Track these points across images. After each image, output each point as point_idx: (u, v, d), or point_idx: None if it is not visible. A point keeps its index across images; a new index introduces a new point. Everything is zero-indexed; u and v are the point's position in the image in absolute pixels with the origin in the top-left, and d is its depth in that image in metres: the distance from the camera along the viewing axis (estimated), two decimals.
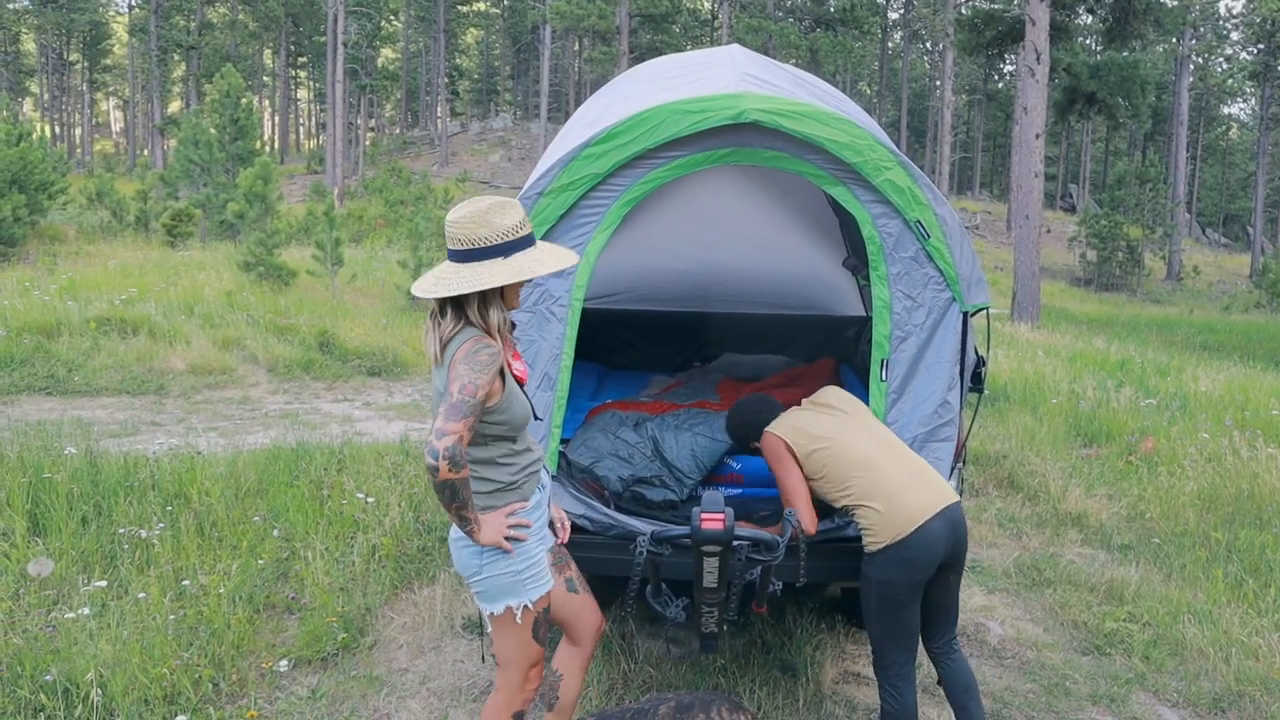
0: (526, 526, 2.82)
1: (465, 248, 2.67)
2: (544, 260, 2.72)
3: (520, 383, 2.85)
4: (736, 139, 3.47)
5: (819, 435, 3.41)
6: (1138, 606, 5.16)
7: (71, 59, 64.58)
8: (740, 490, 4.05)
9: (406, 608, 4.84)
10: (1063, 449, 8.10)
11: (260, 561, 4.98)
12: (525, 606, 2.86)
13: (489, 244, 2.66)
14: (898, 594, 3.24)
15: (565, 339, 3.52)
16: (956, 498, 3.32)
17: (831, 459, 3.35)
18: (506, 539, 2.77)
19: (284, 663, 4.18)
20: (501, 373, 2.72)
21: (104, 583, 4.53)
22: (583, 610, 3.15)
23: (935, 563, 3.24)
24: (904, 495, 3.23)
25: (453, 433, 2.55)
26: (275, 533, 5.34)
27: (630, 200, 3.50)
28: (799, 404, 3.65)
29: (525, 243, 2.72)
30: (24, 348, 10.34)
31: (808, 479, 3.42)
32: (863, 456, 3.33)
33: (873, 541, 3.24)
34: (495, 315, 2.72)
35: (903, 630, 3.30)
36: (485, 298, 2.70)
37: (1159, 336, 20.46)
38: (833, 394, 3.65)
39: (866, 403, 3.67)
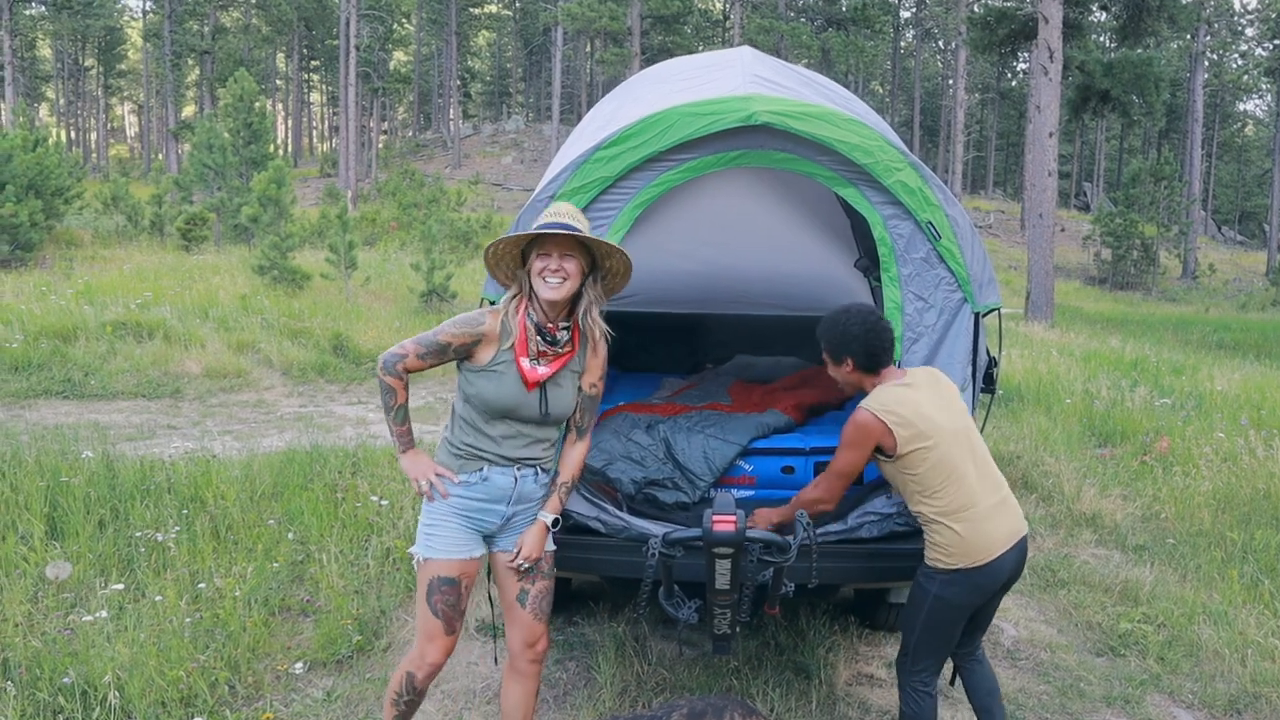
0: (443, 496, 3.07)
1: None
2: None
3: (528, 381, 2.99)
4: (747, 141, 3.47)
5: (926, 433, 3.13)
6: (1153, 608, 5.14)
7: (87, 64, 65.04)
8: (752, 492, 4.05)
9: None
10: (1077, 449, 8.07)
11: (275, 564, 5.01)
12: (418, 558, 3.11)
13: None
14: (952, 613, 3.21)
15: None
16: (1027, 527, 3.29)
17: (928, 462, 3.13)
18: (419, 485, 3.09)
19: (299, 665, 4.21)
20: (476, 343, 3.00)
21: (121, 586, 4.56)
22: (520, 623, 3.22)
23: (997, 589, 3.21)
24: (988, 524, 3.13)
25: (401, 347, 3.06)
26: (290, 536, 5.37)
27: (642, 203, 3.51)
28: (905, 379, 3.27)
29: (542, 229, 2.96)
30: (41, 352, 10.43)
31: (895, 469, 3.20)
32: (958, 468, 3.13)
33: (943, 560, 3.15)
34: (508, 294, 3.06)
35: (943, 642, 3.28)
36: (515, 281, 3.07)
37: (1174, 335, 20.35)
38: (938, 379, 3.34)
39: None
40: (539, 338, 2.99)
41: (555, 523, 3.22)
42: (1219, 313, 29.59)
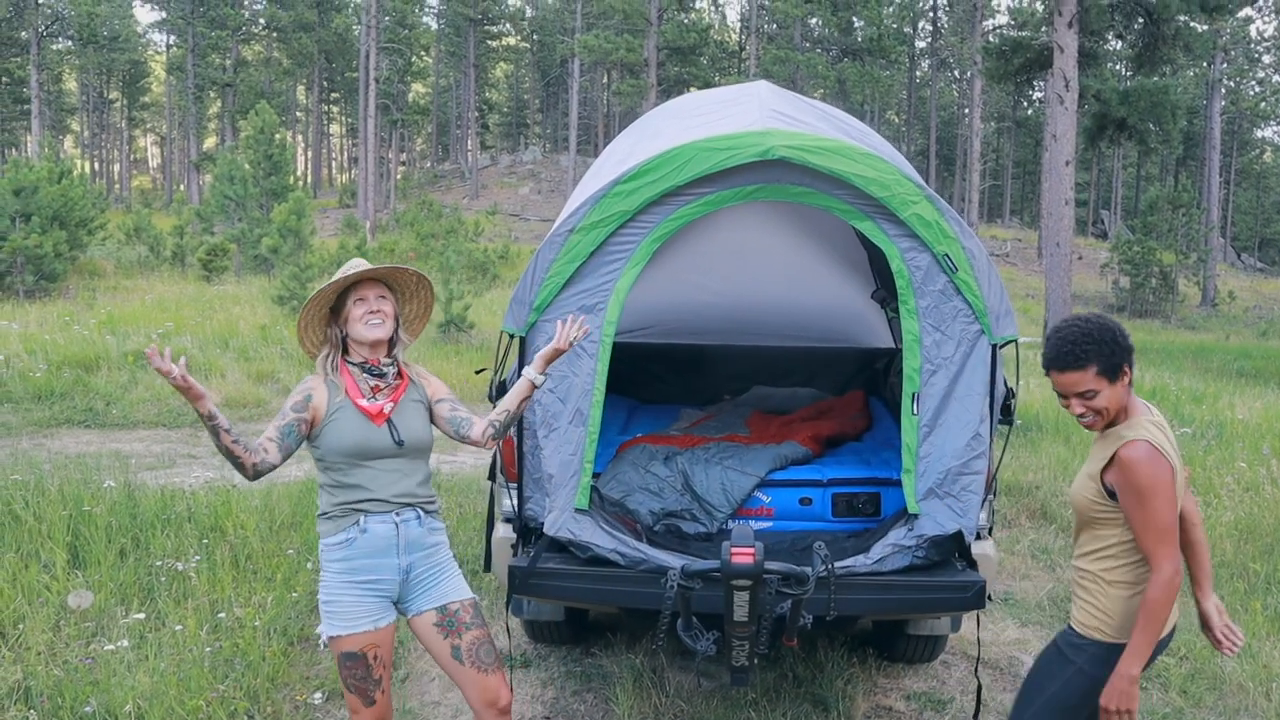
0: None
1: None
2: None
3: (373, 416, 3.03)
4: (764, 175, 3.51)
5: (1177, 482, 2.68)
6: (1174, 640, 5.08)
7: (111, 97, 66.03)
8: (770, 523, 4.05)
9: None
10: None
11: (294, 594, 5.03)
12: (326, 637, 3.06)
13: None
14: (1095, 697, 2.70)
15: (596, 375, 3.55)
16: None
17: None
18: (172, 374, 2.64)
19: (318, 695, 4.21)
20: (308, 400, 3.02)
21: (142, 615, 4.60)
22: (467, 682, 3.11)
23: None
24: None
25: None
26: (309, 565, 5.39)
27: (660, 236, 3.55)
28: (1154, 418, 2.78)
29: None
30: (64, 381, 10.55)
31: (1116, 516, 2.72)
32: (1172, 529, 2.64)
33: (1108, 632, 2.74)
34: (321, 353, 3.13)
35: None
36: (326, 341, 3.14)
37: (1194, 363, 20.21)
38: (1165, 424, 2.83)
39: (898, 435, 3.66)
40: (366, 375, 3.08)
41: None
42: (1239, 340, 29.37)
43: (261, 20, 55.48)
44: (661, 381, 6.10)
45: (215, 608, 4.77)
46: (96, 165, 66.97)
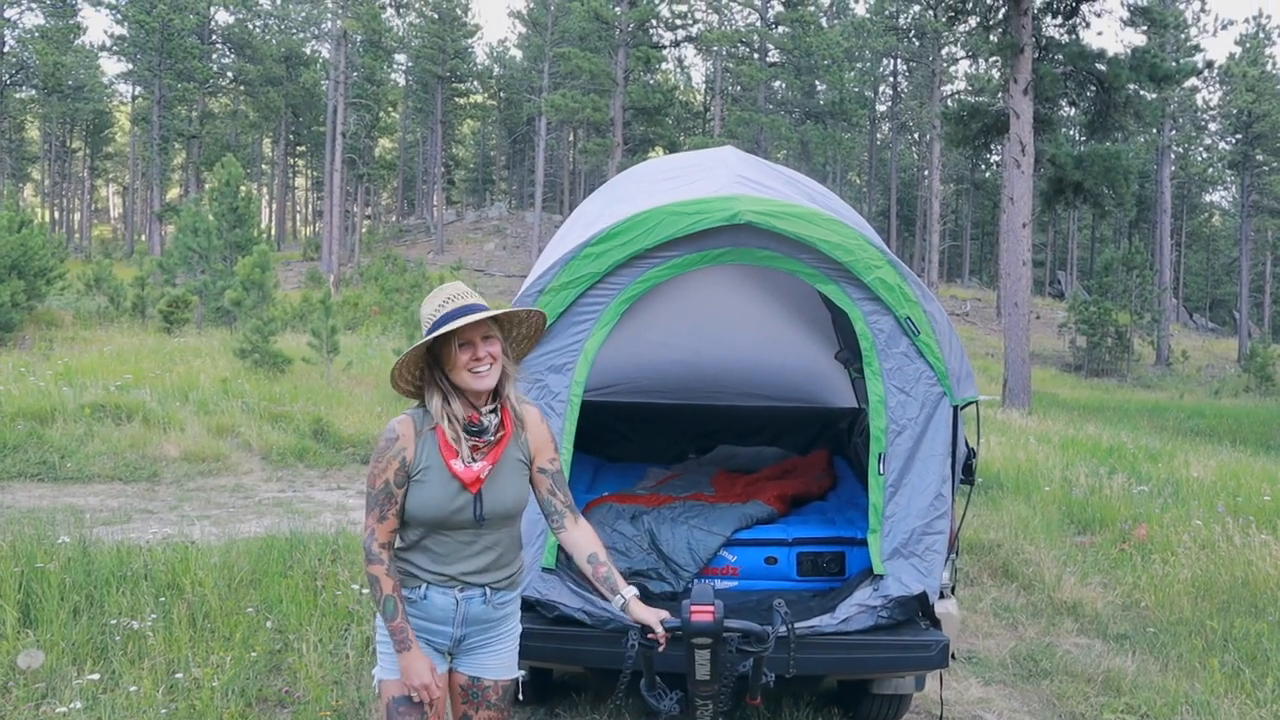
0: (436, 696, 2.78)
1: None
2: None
3: (468, 483, 2.69)
4: (731, 239, 3.58)
5: None
6: (1135, 697, 5.13)
7: (74, 146, 65.69)
8: (736, 582, 4.07)
9: None
10: (1056, 537, 8.10)
11: (253, 653, 4.94)
12: (377, 680, 2.86)
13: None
14: None
15: (565, 434, 3.58)
16: None
17: None
18: (412, 693, 2.75)
19: None
20: (403, 458, 2.69)
21: (96, 675, 4.49)
22: None
23: None
24: None
25: (367, 526, 2.72)
26: (268, 624, 5.30)
27: (628, 298, 3.60)
28: None
29: (446, 319, 2.68)
30: (17, 433, 10.35)
31: None
32: None
33: None
34: (433, 402, 2.71)
35: None
36: (431, 384, 2.73)
37: (1150, 421, 20.56)
38: None
39: (862, 494, 3.70)
40: (465, 434, 2.71)
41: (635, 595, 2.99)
42: (1193, 399, 29.94)
43: (229, 73, 55.66)
44: (627, 440, 6.12)
45: (172, 668, 4.67)
46: (56, 214, 66.40)
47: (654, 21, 42.72)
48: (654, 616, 2.94)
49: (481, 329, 2.68)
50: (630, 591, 2.94)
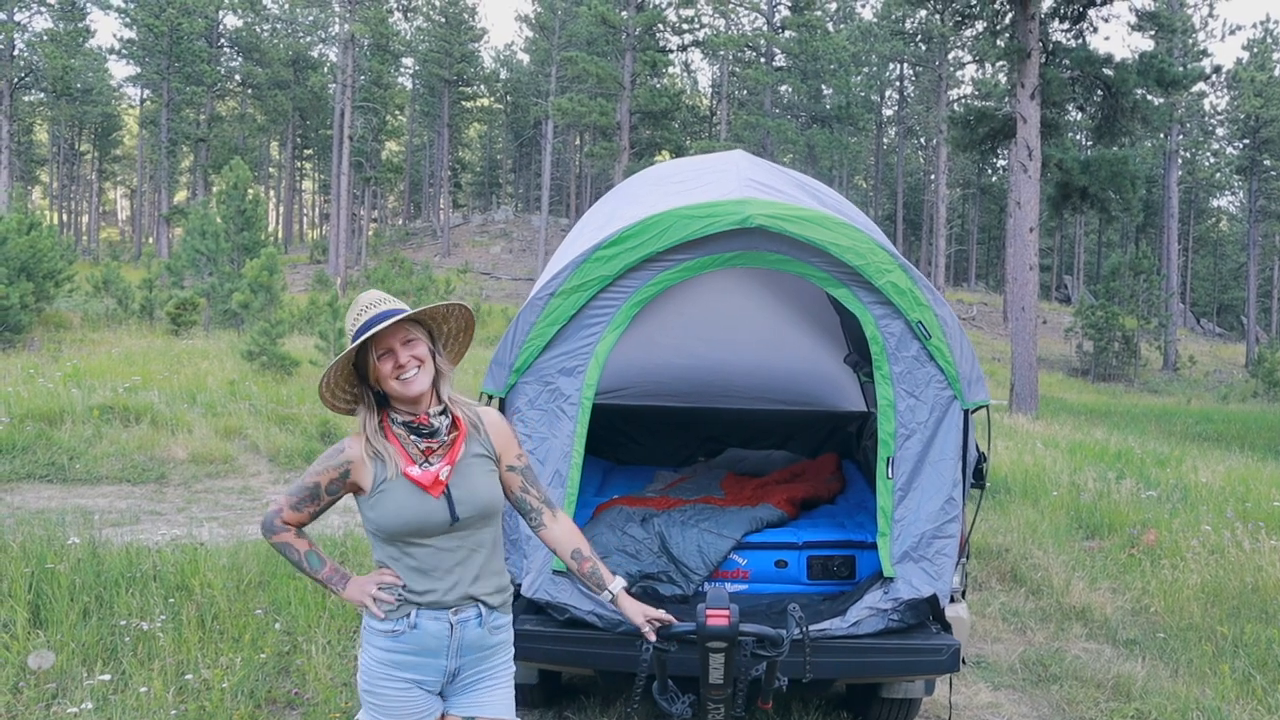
0: (398, 586, 2.64)
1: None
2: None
3: (430, 487, 2.59)
4: (742, 243, 3.59)
5: None
6: (1145, 703, 5.11)
7: (82, 149, 65.92)
8: (746, 586, 4.06)
9: None
10: (1065, 542, 8.08)
11: (262, 655, 4.95)
12: None
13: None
14: None
15: (575, 436, 3.58)
16: None
17: None
18: (371, 607, 2.64)
19: None
20: (346, 474, 2.63)
21: (107, 676, 4.50)
22: None
23: None
24: None
25: (275, 503, 2.75)
26: (277, 625, 5.31)
27: (639, 301, 3.61)
28: None
29: (362, 330, 2.58)
30: (26, 435, 10.38)
31: None
32: None
33: None
34: (361, 416, 2.65)
35: None
36: (362, 400, 2.66)
37: (1157, 426, 20.50)
38: None
39: (871, 497, 3.70)
40: (414, 438, 2.62)
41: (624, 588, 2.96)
42: (1201, 404, 29.84)
43: (237, 77, 55.83)
44: (637, 443, 6.13)
45: (182, 669, 4.68)
46: (65, 216, 66.62)
47: (661, 26, 42.76)
48: (640, 613, 2.94)
49: (400, 334, 2.56)
50: (618, 584, 2.90)
